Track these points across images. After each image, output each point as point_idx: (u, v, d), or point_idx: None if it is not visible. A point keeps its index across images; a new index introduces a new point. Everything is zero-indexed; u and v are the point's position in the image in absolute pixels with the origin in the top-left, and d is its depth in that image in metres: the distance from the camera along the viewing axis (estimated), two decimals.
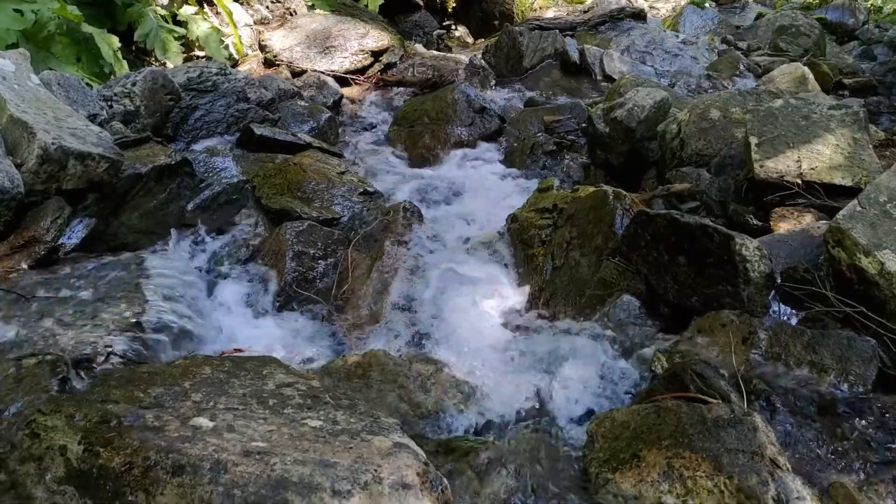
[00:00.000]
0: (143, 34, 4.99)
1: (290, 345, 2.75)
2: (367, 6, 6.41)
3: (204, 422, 1.52)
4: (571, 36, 6.93)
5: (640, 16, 7.56)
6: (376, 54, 6.06)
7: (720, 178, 3.35)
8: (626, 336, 2.48)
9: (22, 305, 2.35)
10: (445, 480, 1.49)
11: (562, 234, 3.04)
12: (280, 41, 5.93)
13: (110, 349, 2.16)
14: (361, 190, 3.74)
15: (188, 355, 2.32)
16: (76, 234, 2.83)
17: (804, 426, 1.86)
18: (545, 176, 4.29)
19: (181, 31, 5.30)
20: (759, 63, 6.33)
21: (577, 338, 2.54)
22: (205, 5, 5.74)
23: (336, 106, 5.37)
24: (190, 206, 3.30)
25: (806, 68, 5.06)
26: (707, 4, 8.57)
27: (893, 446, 1.78)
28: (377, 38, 6.12)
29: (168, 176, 3.21)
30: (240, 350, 2.62)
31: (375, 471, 1.38)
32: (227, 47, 5.60)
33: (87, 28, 4.32)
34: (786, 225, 2.82)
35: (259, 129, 4.12)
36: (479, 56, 6.25)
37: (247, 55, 5.89)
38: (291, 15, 6.39)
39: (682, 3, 9.22)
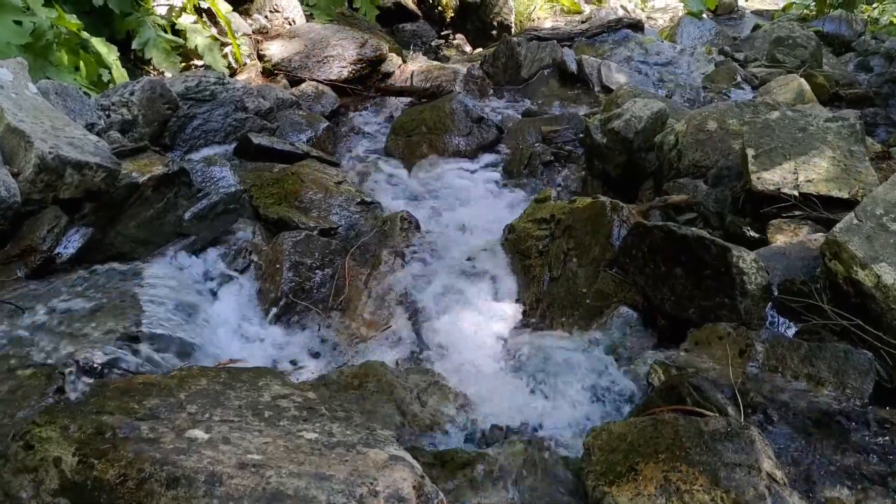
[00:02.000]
0: (141, 43, 5.00)
1: (286, 356, 2.74)
2: (364, 16, 6.42)
3: (199, 434, 1.51)
4: (569, 46, 6.94)
5: (637, 26, 7.58)
6: (374, 64, 6.08)
7: (717, 190, 3.35)
8: (622, 348, 2.48)
9: (17, 316, 2.34)
10: (441, 494, 1.49)
11: (559, 244, 3.04)
12: (278, 51, 5.94)
13: (106, 360, 2.16)
14: (359, 200, 3.74)
15: (184, 366, 2.31)
16: (73, 243, 2.82)
17: (801, 440, 1.86)
18: (543, 186, 4.29)
19: (179, 40, 5.31)
20: (756, 74, 6.34)
21: (574, 349, 2.54)
22: (203, 15, 5.75)
23: (334, 115, 5.38)
24: (187, 216, 3.30)
25: (803, 80, 5.08)
26: (704, 15, 8.60)
27: (890, 460, 1.78)
28: (375, 47, 6.13)
29: (165, 185, 3.21)
30: (235, 361, 2.61)
31: (371, 484, 1.37)
32: (225, 56, 5.61)
33: (85, 37, 4.32)
34: (783, 237, 2.82)
35: (257, 139, 4.12)
36: (477, 66, 6.26)
37: (245, 64, 5.89)
38: (290, 25, 6.40)
39: (680, 13, 9.26)
